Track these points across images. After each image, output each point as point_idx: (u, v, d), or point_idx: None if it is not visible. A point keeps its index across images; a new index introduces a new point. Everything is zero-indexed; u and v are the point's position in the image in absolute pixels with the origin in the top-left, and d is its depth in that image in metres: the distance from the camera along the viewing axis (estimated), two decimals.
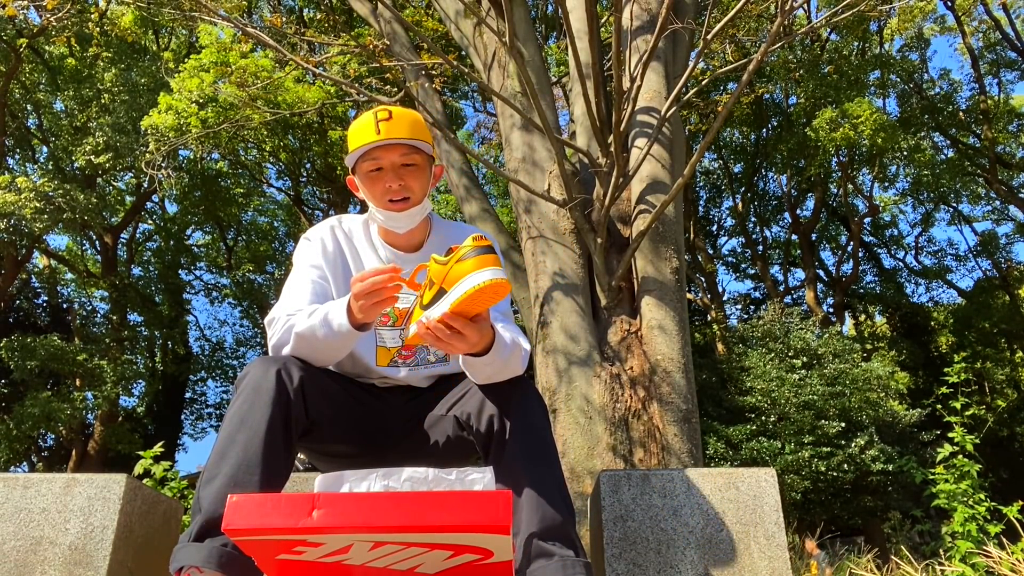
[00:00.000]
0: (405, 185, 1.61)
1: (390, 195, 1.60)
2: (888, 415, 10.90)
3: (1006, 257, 19.85)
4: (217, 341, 20.50)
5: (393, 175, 1.60)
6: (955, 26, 16.68)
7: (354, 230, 1.75)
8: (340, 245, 1.71)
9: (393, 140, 1.58)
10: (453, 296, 1.27)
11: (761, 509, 1.86)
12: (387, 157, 1.60)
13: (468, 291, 1.24)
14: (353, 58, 8.40)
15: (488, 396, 1.53)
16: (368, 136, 1.58)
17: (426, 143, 1.63)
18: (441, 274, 1.30)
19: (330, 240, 1.71)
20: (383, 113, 1.59)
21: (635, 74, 4.02)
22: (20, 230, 11.82)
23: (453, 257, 1.29)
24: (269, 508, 1.04)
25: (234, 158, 14.25)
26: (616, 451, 3.70)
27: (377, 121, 1.58)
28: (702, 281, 18.13)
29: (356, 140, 1.60)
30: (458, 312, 1.30)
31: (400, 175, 1.60)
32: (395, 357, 1.70)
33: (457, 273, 1.27)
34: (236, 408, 1.45)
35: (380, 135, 1.57)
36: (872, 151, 14.09)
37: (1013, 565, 2.76)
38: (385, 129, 1.57)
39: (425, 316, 1.33)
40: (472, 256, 1.26)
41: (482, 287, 1.23)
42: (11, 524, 1.78)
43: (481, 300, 1.27)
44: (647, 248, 4.17)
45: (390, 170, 1.61)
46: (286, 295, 1.63)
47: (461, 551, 1.10)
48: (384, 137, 1.57)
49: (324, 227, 1.73)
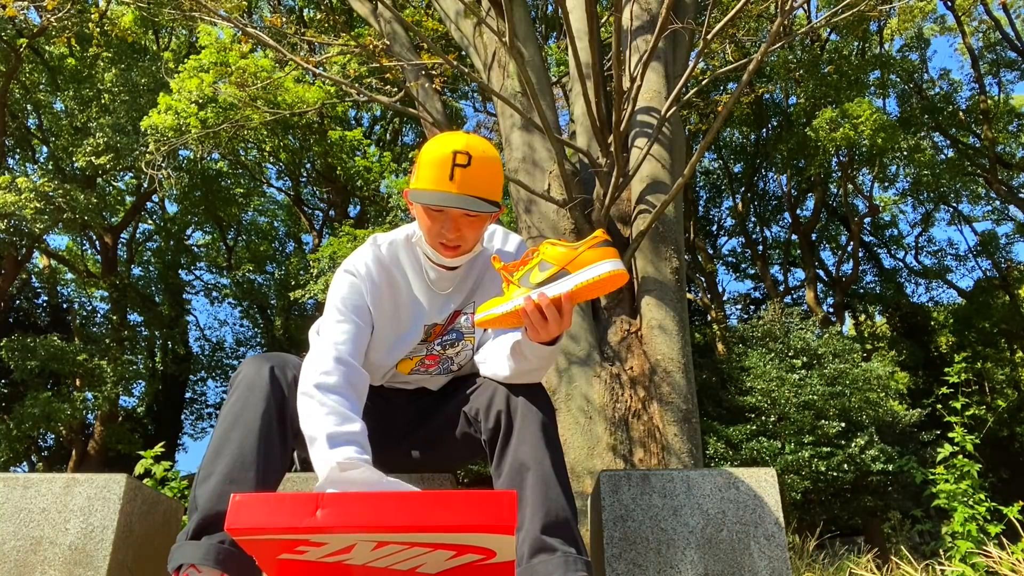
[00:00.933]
0: (461, 235, 1.53)
1: (444, 240, 1.53)
2: (888, 415, 10.90)
3: (1006, 257, 19.85)
4: (217, 341, 20.53)
5: (452, 225, 1.51)
6: (955, 26, 16.69)
7: (397, 253, 1.65)
8: (387, 275, 1.62)
9: (466, 203, 1.46)
10: (581, 278, 1.33)
11: (761, 509, 1.86)
12: None
13: (599, 276, 1.32)
14: (353, 58, 8.40)
15: (496, 393, 1.54)
16: (440, 180, 1.45)
17: (496, 200, 1.51)
18: (566, 257, 1.35)
19: (377, 273, 1.61)
20: (462, 157, 1.45)
21: (635, 74, 4.02)
22: (20, 230, 11.82)
23: (584, 244, 1.36)
24: (272, 507, 1.04)
25: (234, 158, 14.25)
26: (616, 451, 3.70)
27: (454, 165, 1.45)
28: (702, 281, 18.13)
29: (427, 175, 1.48)
30: (576, 295, 1.36)
31: (459, 226, 1.52)
32: (417, 366, 1.71)
33: (588, 258, 1.34)
34: (230, 406, 1.46)
35: (452, 185, 1.45)
36: (872, 151, 14.09)
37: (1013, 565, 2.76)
38: (459, 179, 1.45)
39: (538, 292, 1.37)
40: (602, 246, 1.34)
41: (612, 274, 1.33)
42: (11, 524, 1.78)
43: (601, 287, 1.35)
44: (647, 248, 4.17)
45: (451, 219, 1.51)
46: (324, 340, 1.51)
47: (464, 551, 1.10)
48: (454, 190, 1.45)
49: (368, 260, 1.62)
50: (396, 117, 16.34)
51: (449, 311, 1.67)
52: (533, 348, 1.46)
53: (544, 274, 1.37)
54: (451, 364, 1.73)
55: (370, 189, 13.30)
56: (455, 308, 1.68)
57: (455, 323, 1.69)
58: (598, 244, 1.35)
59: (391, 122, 16.97)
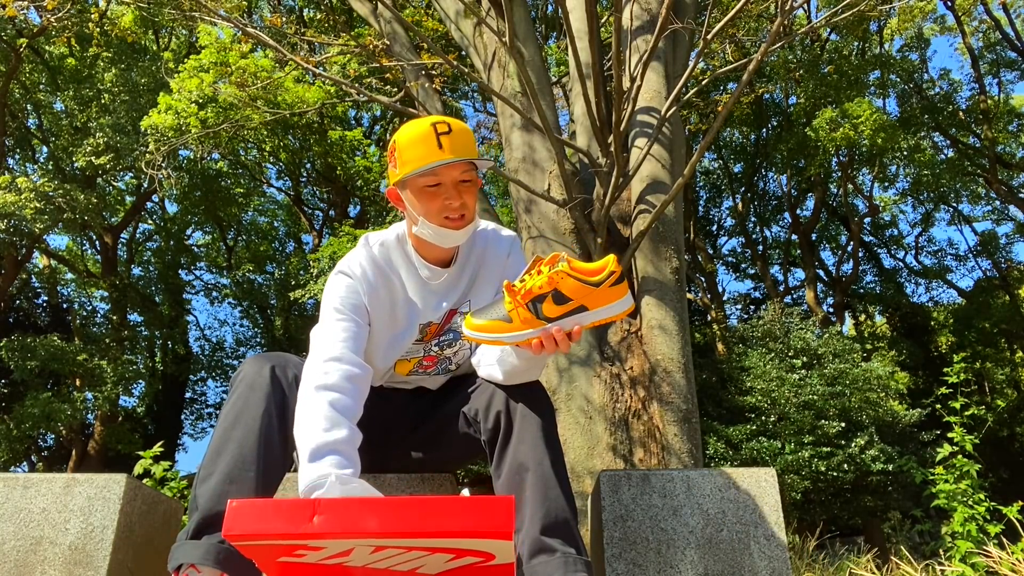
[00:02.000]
0: (463, 203, 1.54)
1: (448, 212, 1.53)
2: (888, 415, 10.89)
3: (1006, 257, 19.85)
4: (217, 341, 20.53)
5: (454, 192, 1.53)
6: (955, 26, 16.68)
7: (389, 254, 1.66)
8: (381, 275, 1.63)
9: (456, 158, 1.50)
10: (597, 317, 1.39)
11: (761, 509, 1.86)
12: (448, 173, 1.52)
13: (616, 315, 1.39)
14: (353, 58, 8.40)
15: (496, 393, 1.54)
16: (430, 152, 1.49)
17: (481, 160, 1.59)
18: (584, 292, 1.37)
19: (372, 273, 1.62)
20: (443, 126, 1.51)
21: (635, 74, 4.02)
22: (20, 230, 11.82)
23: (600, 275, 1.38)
24: (270, 513, 1.03)
25: (234, 158, 14.25)
26: (616, 451, 3.70)
27: (438, 135, 1.50)
28: (702, 281, 18.13)
29: (414, 153, 1.51)
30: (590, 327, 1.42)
31: (460, 192, 1.53)
32: (415, 367, 1.71)
33: (605, 297, 1.37)
34: (231, 405, 1.46)
35: (444, 151, 1.49)
36: (872, 151, 14.09)
37: (1013, 565, 2.76)
38: (448, 145, 1.50)
39: (558, 324, 1.39)
40: (618, 283, 1.38)
41: (624, 313, 1.39)
42: (11, 524, 1.78)
43: (611, 321, 1.43)
44: (647, 248, 4.16)
45: (451, 187, 1.53)
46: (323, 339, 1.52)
47: (463, 554, 1.10)
48: (448, 155, 1.49)
49: (362, 260, 1.63)
50: (396, 117, 16.33)
51: (444, 310, 1.67)
52: (527, 354, 1.47)
53: (560, 308, 1.37)
54: (449, 364, 1.73)
55: (370, 189, 13.30)
56: (450, 307, 1.68)
57: (451, 322, 1.69)
58: (616, 282, 1.37)
59: (391, 122, 16.97)
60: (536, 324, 1.38)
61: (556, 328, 1.37)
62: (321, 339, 1.51)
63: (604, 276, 1.36)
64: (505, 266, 1.71)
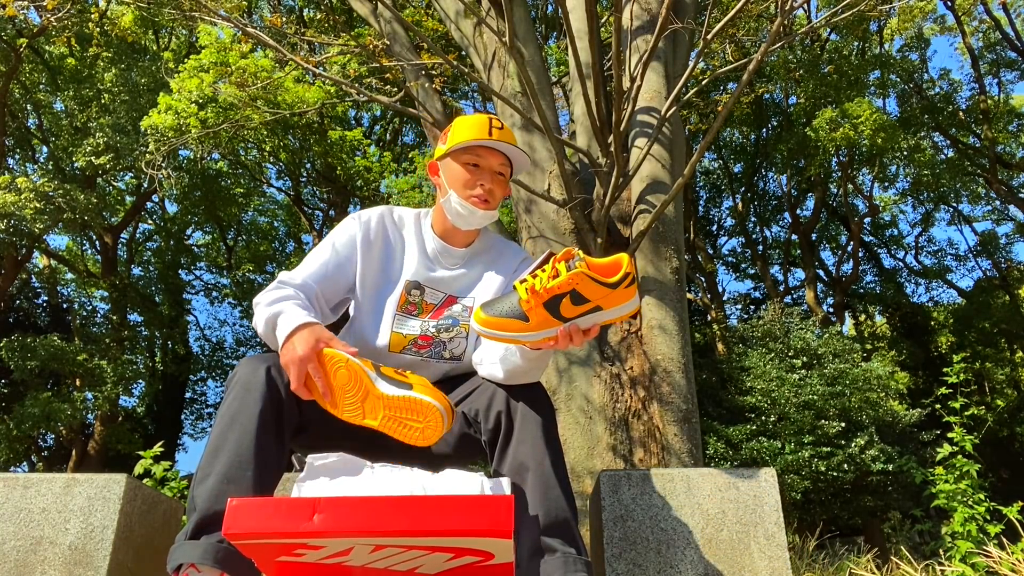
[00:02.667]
0: (492, 190, 1.70)
1: (477, 192, 1.68)
2: (888, 415, 10.89)
3: (1006, 257, 19.85)
4: (217, 341, 20.52)
5: (489, 176, 1.70)
6: (955, 26, 16.68)
7: (405, 219, 1.80)
8: (386, 230, 1.76)
9: (504, 145, 1.69)
10: (611, 316, 1.43)
11: (761, 509, 1.86)
12: (489, 159, 1.70)
13: (626, 314, 1.44)
14: (353, 58, 8.40)
15: (496, 393, 1.54)
16: (482, 133, 1.68)
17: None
18: (602, 294, 1.40)
19: (376, 223, 1.75)
20: (497, 122, 1.73)
21: (635, 74, 4.02)
22: (20, 230, 11.81)
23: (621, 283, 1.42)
24: (270, 512, 1.04)
25: (234, 158, 14.24)
26: (616, 451, 3.70)
27: (491, 126, 1.70)
28: (702, 281, 18.13)
29: (467, 132, 1.69)
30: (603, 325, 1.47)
31: (493, 179, 1.70)
32: (410, 345, 1.71)
33: (619, 298, 1.42)
34: (227, 406, 1.46)
35: (493, 137, 1.68)
36: (872, 151, 14.09)
37: (1013, 565, 2.76)
38: (498, 135, 1.70)
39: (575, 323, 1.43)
40: (632, 284, 1.44)
41: (632, 312, 1.45)
42: (11, 524, 1.78)
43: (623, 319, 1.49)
44: (647, 248, 4.16)
45: (487, 171, 1.70)
46: (303, 263, 1.69)
47: (462, 553, 1.10)
48: (497, 139, 1.68)
49: (375, 211, 1.78)
50: (396, 117, 16.34)
51: (441, 295, 1.73)
52: (532, 354, 1.48)
53: (578, 309, 1.41)
54: (443, 349, 1.73)
55: (370, 189, 13.30)
56: (451, 293, 1.74)
57: (450, 309, 1.73)
58: (631, 283, 1.43)
59: (391, 122, 16.98)
60: (554, 324, 1.41)
61: (573, 326, 1.41)
62: (303, 263, 1.69)
63: (620, 277, 1.40)
64: (515, 270, 1.80)
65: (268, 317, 1.52)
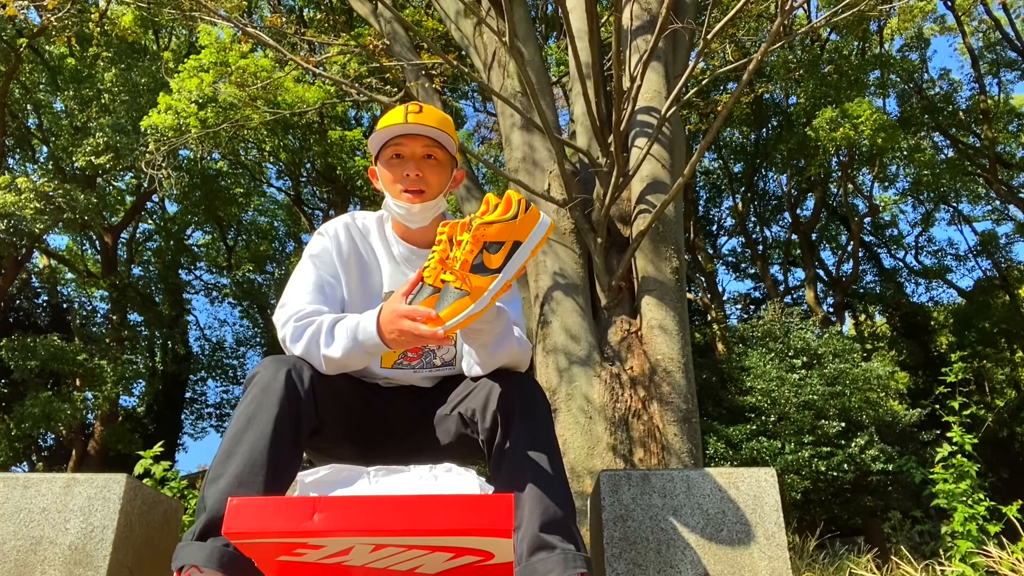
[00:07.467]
0: (422, 176, 1.62)
1: (406, 184, 1.62)
2: (888, 415, 10.89)
3: (1006, 257, 19.85)
4: (217, 341, 20.51)
5: (413, 165, 1.62)
6: (955, 26, 16.68)
7: (369, 226, 1.75)
8: (355, 243, 1.71)
9: (418, 129, 1.61)
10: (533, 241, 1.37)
11: (761, 509, 1.86)
12: (410, 146, 1.63)
13: (546, 233, 1.38)
14: (353, 58, 8.40)
15: (493, 393, 1.54)
16: (396, 120, 1.62)
17: (450, 140, 1.66)
18: (508, 229, 1.35)
19: (344, 237, 1.71)
20: (414, 107, 1.64)
21: (635, 74, 4.02)
22: (20, 230, 11.81)
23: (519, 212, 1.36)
24: (270, 511, 1.04)
25: (234, 158, 14.24)
26: (616, 451, 3.70)
27: (407, 112, 1.62)
28: (702, 281, 18.13)
29: (382, 126, 1.63)
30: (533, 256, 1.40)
31: (419, 166, 1.63)
32: (400, 360, 1.70)
33: (527, 224, 1.37)
34: (244, 408, 1.45)
35: (409, 121, 1.60)
36: (872, 151, 14.08)
37: (1013, 565, 2.76)
38: (414, 118, 1.61)
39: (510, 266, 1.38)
40: (529, 207, 1.37)
41: (550, 231, 1.39)
42: (11, 524, 1.78)
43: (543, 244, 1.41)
44: (647, 248, 4.17)
45: (410, 159, 1.63)
46: (294, 291, 1.62)
47: (462, 553, 1.10)
48: (413, 122, 1.60)
49: (339, 223, 1.73)
50: None
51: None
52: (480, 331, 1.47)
53: (500, 255, 1.37)
54: (433, 358, 1.72)
55: (370, 189, 13.30)
56: None
57: None
58: (527, 207, 1.37)
59: None
60: (492, 278, 1.37)
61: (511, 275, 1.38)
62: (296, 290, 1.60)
63: (516, 207, 1.37)
64: None
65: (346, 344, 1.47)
